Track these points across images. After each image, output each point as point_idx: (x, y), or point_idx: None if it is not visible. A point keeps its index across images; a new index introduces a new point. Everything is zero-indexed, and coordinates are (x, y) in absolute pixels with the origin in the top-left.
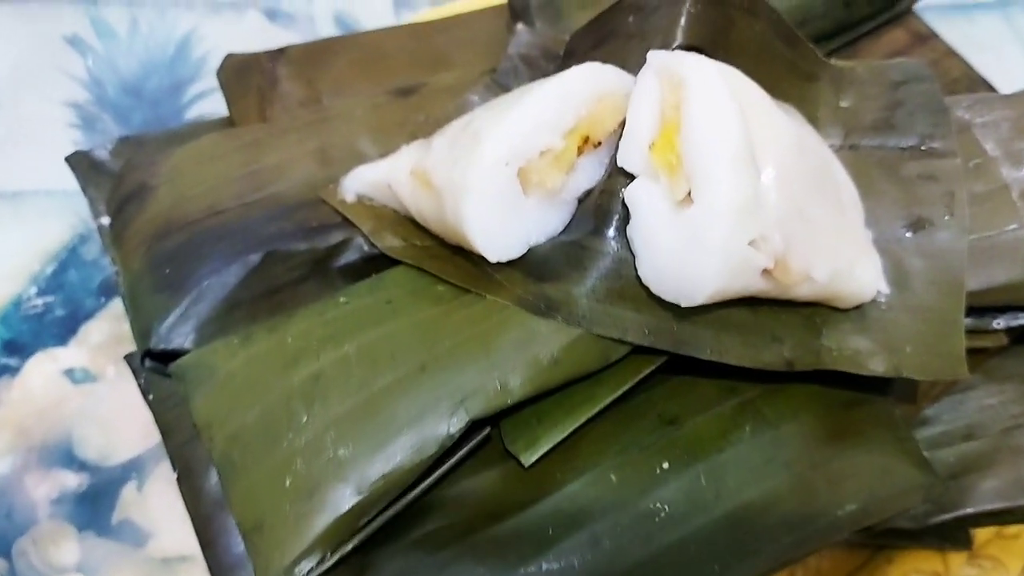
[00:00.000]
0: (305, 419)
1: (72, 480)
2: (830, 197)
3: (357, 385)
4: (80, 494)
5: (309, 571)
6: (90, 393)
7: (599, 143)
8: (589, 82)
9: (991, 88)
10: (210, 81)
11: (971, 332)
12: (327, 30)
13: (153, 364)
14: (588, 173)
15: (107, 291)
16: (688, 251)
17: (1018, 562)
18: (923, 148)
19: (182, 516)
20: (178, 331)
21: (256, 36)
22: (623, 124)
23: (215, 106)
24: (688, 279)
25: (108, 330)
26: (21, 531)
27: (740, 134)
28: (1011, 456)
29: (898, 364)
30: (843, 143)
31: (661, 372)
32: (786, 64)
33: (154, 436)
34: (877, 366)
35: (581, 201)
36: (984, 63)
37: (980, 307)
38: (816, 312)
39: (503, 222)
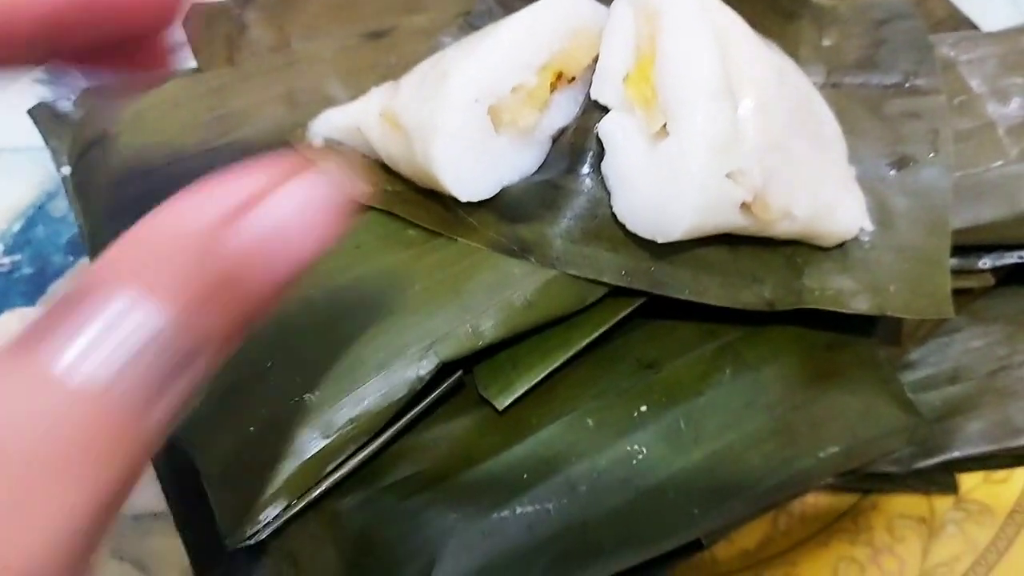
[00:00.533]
0: (270, 365)
1: None
2: (812, 132)
3: (324, 330)
4: None
5: (275, 518)
6: None
7: (573, 78)
8: (562, 15)
9: (976, 28)
10: (176, 34)
11: (957, 272)
12: None
13: None
14: (563, 110)
15: (76, 249)
16: (664, 185)
17: (1005, 506)
18: (907, 85)
19: (151, 473)
20: None
21: None
22: (598, 59)
23: (188, 59)
24: (664, 214)
25: None
26: None
27: (716, 65)
28: (997, 398)
29: (882, 303)
30: (825, 81)
31: (639, 315)
32: (766, 1)
33: None
34: (860, 305)
35: (555, 140)
36: (969, 7)
37: (966, 246)
38: (797, 251)
39: (474, 162)
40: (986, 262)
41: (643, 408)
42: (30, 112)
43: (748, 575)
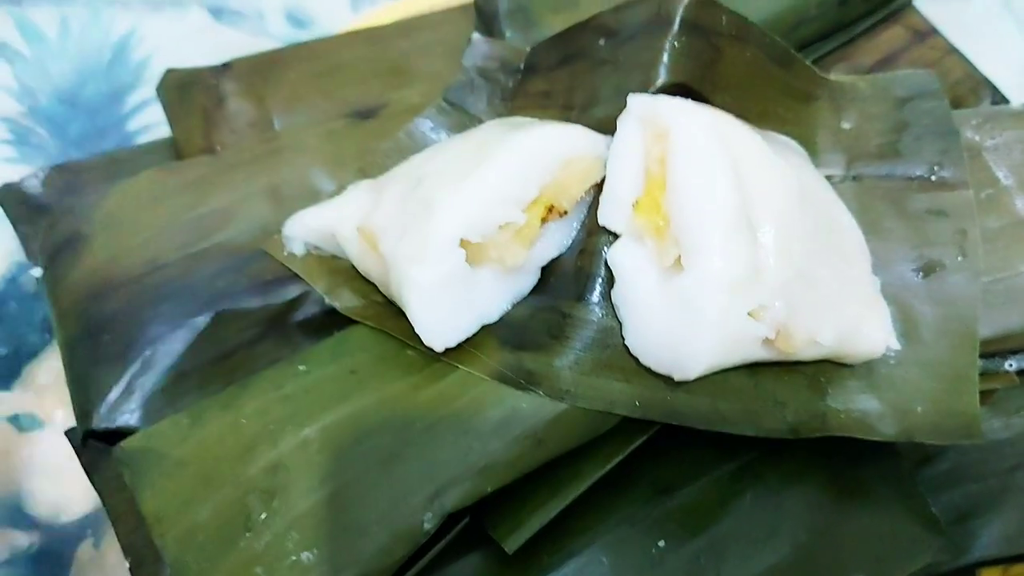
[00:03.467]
0: (264, 516)
1: (23, 540)
2: (835, 250)
3: (320, 477)
4: (32, 555)
5: None
6: (38, 441)
7: (564, 212)
8: (555, 145)
9: (994, 88)
10: (152, 88)
11: (982, 374)
12: (278, 28)
13: (96, 444)
14: (555, 240)
15: (51, 327)
16: (681, 322)
17: None
18: (932, 179)
19: None
20: (121, 408)
21: (201, 36)
22: (593, 189)
23: (158, 115)
24: (681, 352)
25: (55, 369)
26: None
27: (732, 194)
28: (1019, 496)
29: (908, 427)
30: (846, 173)
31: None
32: (781, 86)
33: None
34: (887, 429)
35: (546, 269)
36: (982, 50)
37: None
38: (821, 371)
39: (450, 307)
40: (1011, 364)
41: (661, 543)
42: None
43: None
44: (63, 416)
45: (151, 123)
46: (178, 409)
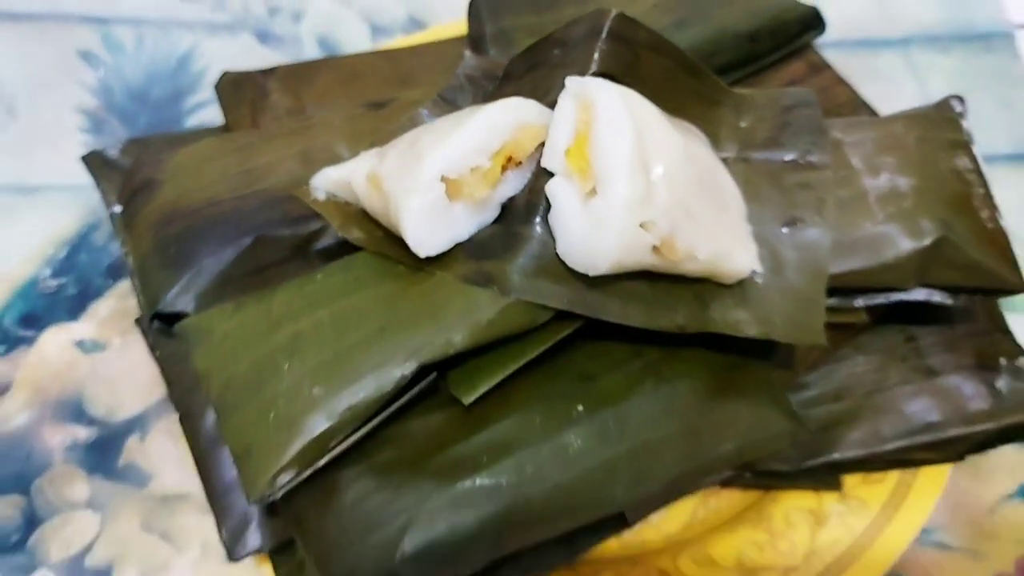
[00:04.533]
0: (286, 367)
1: (83, 433)
2: (714, 196)
3: (329, 342)
4: (90, 444)
5: (286, 483)
6: (98, 360)
7: (520, 162)
8: (513, 114)
9: (872, 111)
10: (207, 93)
11: (837, 309)
12: (311, 51)
13: (160, 326)
14: (512, 184)
15: (114, 273)
16: (593, 232)
17: (879, 501)
18: (802, 162)
19: (179, 461)
20: (181, 299)
21: (248, 55)
22: (541, 146)
23: (211, 115)
24: (593, 253)
25: (114, 306)
26: (38, 473)
27: (634, 144)
28: (872, 414)
29: (768, 331)
30: (737, 156)
31: (581, 338)
32: (692, 92)
33: (154, 395)
34: (751, 331)
35: (505, 206)
36: (884, 92)
37: (844, 289)
38: (705, 288)
39: (433, 227)
40: (860, 302)
41: (580, 409)
42: (84, 159)
43: (670, 553)
44: (119, 342)
45: (205, 121)
46: (223, 304)
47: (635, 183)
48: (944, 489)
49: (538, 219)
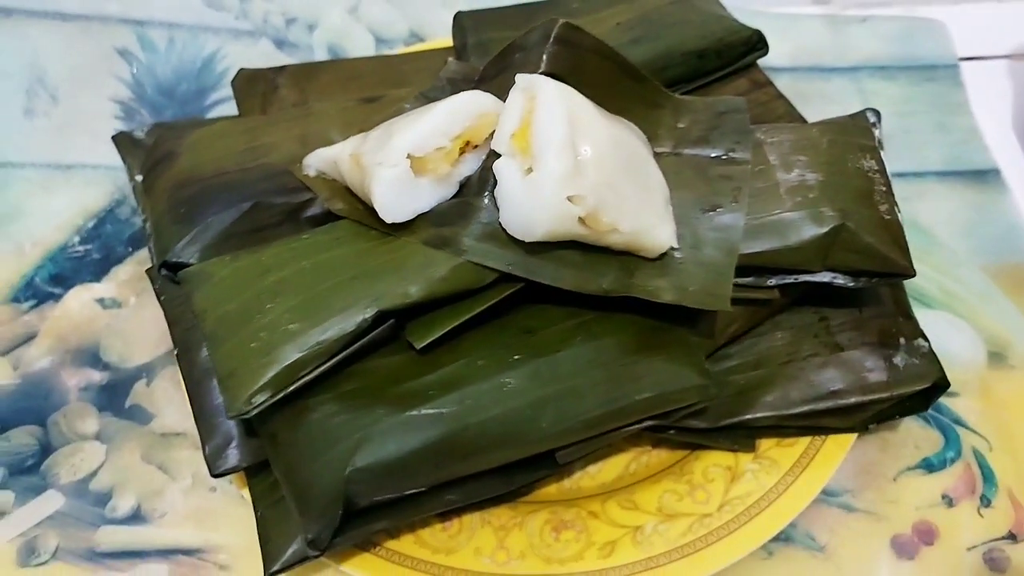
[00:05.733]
0: (269, 307)
1: (97, 376)
2: (639, 180)
3: (307, 286)
4: (102, 386)
5: (261, 403)
6: (115, 316)
7: (476, 146)
8: (472, 104)
9: (803, 120)
10: (227, 91)
11: (752, 287)
12: (321, 57)
13: (167, 274)
14: (469, 165)
15: (134, 243)
16: (529, 203)
17: (789, 462)
18: (725, 157)
19: (179, 405)
20: (187, 251)
21: (266, 59)
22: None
23: (230, 110)
24: (529, 222)
25: (132, 271)
26: (55, 408)
27: (565, 128)
28: (783, 381)
29: (681, 297)
30: (671, 151)
31: (527, 299)
32: (635, 94)
33: (161, 348)
34: (667, 296)
35: (463, 184)
36: (833, 113)
37: (758, 268)
38: (630, 260)
39: (399, 197)
40: (772, 281)
41: (517, 357)
42: (114, 138)
43: (601, 499)
44: (135, 301)
45: (224, 114)
46: (222, 255)
47: (564, 161)
48: (854, 458)
49: (488, 193)
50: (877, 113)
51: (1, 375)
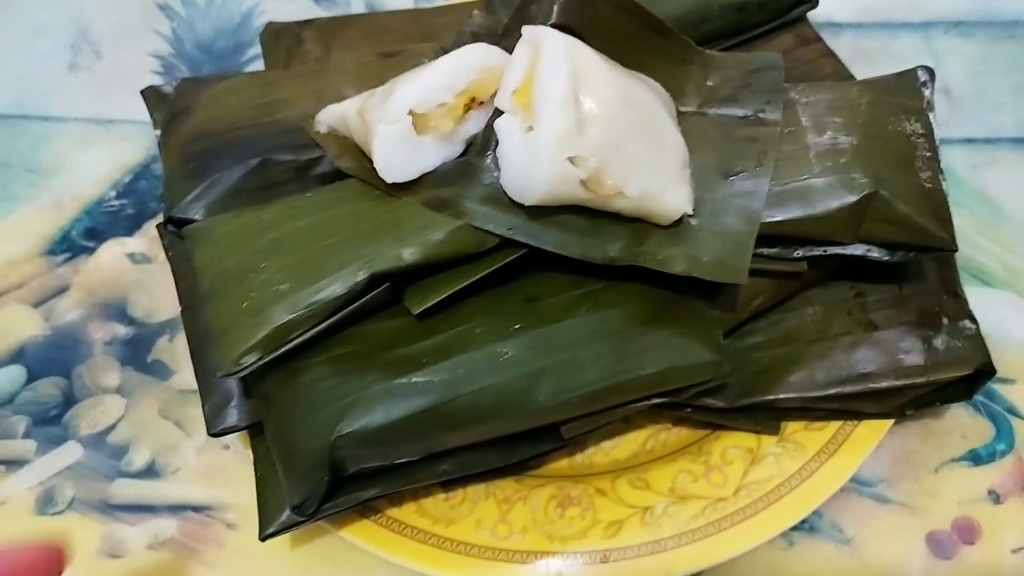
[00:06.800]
0: (264, 265)
1: (122, 330)
2: (652, 140)
3: (302, 246)
4: (126, 340)
5: (252, 363)
6: (144, 271)
7: (482, 103)
8: (477, 57)
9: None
10: None
11: (777, 258)
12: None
13: (173, 229)
14: (475, 123)
15: None
16: (528, 164)
17: (815, 447)
18: (753, 118)
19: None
20: (193, 207)
21: (303, 14)
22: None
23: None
24: (527, 183)
25: None
26: (80, 361)
27: (567, 83)
28: (811, 361)
29: (693, 267)
30: (697, 110)
31: (532, 266)
32: (659, 49)
33: None
34: (679, 267)
35: (469, 144)
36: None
37: (784, 239)
38: (641, 227)
39: (401, 155)
40: (799, 252)
41: (517, 326)
42: (142, 92)
43: (611, 476)
44: (163, 257)
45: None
46: (227, 212)
47: (565, 118)
48: (891, 446)
49: (491, 153)
50: (930, 71)
51: (33, 326)
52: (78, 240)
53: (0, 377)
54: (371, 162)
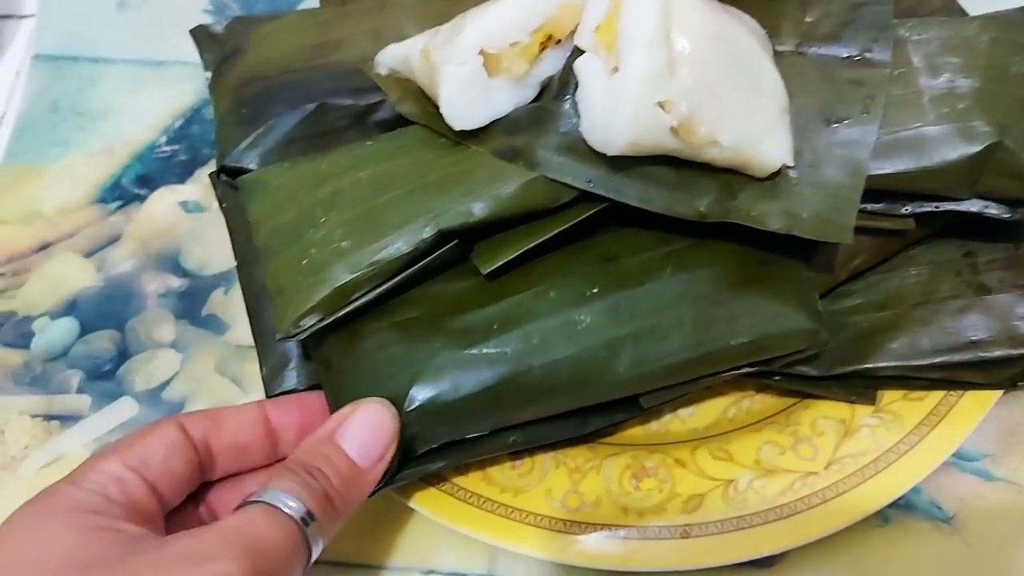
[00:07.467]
0: (323, 220)
1: (176, 282)
2: (747, 82)
3: (363, 200)
4: (180, 292)
5: (311, 326)
6: (198, 220)
7: (559, 41)
8: None
9: (964, 13)
10: None
11: (883, 215)
12: None
13: (226, 179)
14: (551, 63)
15: None
16: (611, 109)
17: (915, 419)
18: (858, 58)
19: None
20: (247, 155)
21: None
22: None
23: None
24: (609, 131)
25: None
26: (134, 314)
27: (658, 21)
28: (915, 325)
29: (792, 224)
30: (794, 50)
31: (611, 223)
32: None
33: None
34: (775, 224)
35: (544, 87)
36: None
37: (891, 193)
38: (733, 179)
39: (470, 100)
40: (907, 208)
41: (595, 290)
42: (191, 31)
43: (690, 446)
44: (217, 207)
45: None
46: (282, 161)
47: (654, 58)
48: (998, 418)
49: (569, 97)
50: None
51: (86, 277)
52: (129, 187)
53: (54, 330)
54: (436, 107)
